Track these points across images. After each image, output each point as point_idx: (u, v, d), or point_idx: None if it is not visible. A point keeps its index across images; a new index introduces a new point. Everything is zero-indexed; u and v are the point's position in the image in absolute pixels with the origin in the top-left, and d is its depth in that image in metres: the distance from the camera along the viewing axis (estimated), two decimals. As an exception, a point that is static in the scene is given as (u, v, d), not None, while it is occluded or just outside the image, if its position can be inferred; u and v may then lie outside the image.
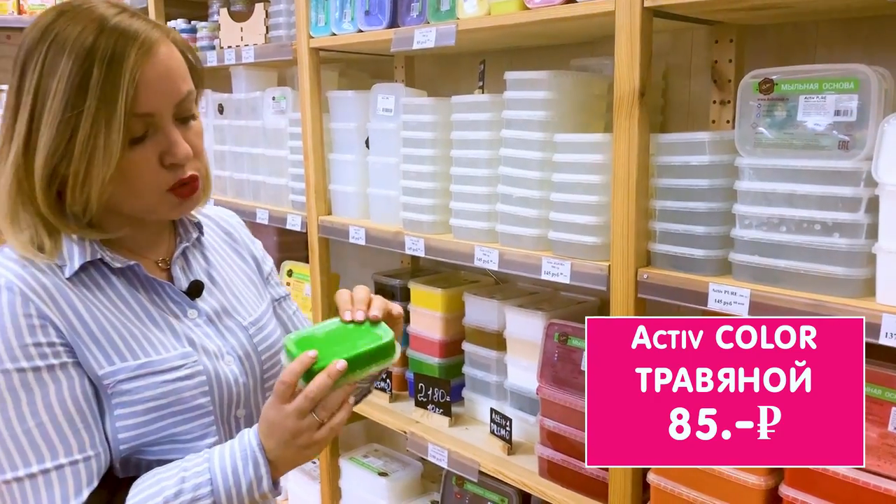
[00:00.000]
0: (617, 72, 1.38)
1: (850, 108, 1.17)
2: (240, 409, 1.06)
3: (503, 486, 1.81)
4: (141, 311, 0.99)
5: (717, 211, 1.33)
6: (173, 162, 0.94)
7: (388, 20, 1.87)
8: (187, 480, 0.92)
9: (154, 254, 1.06)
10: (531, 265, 1.58)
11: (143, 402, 0.95)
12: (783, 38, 1.59)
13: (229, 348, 1.05)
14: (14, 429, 0.89)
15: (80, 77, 0.88)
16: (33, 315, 0.90)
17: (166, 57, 0.93)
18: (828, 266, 1.20)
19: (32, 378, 0.90)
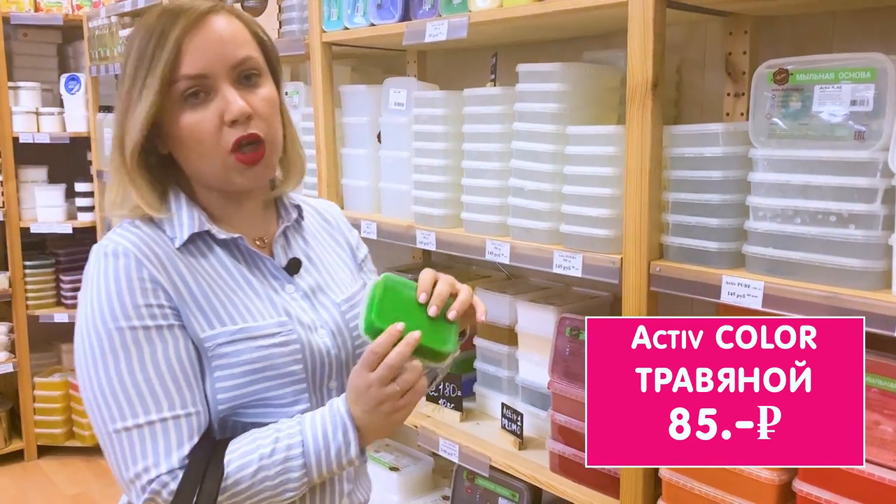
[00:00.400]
0: (630, 62, 1.36)
1: (866, 98, 1.15)
2: (332, 380, 1.11)
3: (514, 482, 1.81)
4: (242, 280, 1.06)
5: (731, 203, 1.31)
6: (230, 118, 0.99)
7: (400, 13, 1.87)
8: (280, 441, 0.99)
9: (254, 232, 1.12)
10: (543, 258, 1.58)
11: (240, 366, 1.01)
12: (799, 29, 1.57)
13: (322, 322, 1.10)
14: (125, 382, 0.96)
15: (140, 52, 0.99)
16: (146, 279, 0.99)
17: (219, 26, 1.01)
18: (843, 258, 1.18)
19: (143, 336, 0.97)
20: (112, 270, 0.98)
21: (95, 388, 0.97)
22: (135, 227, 1.03)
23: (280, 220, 1.15)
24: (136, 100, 0.99)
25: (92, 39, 3.53)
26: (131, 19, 3.30)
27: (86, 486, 3.53)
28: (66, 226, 3.67)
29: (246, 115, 1.00)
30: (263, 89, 1.04)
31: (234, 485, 0.97)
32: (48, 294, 3.79)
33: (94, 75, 3.57)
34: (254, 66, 1.03)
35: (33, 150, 3.64)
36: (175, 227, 1.04)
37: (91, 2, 3.70)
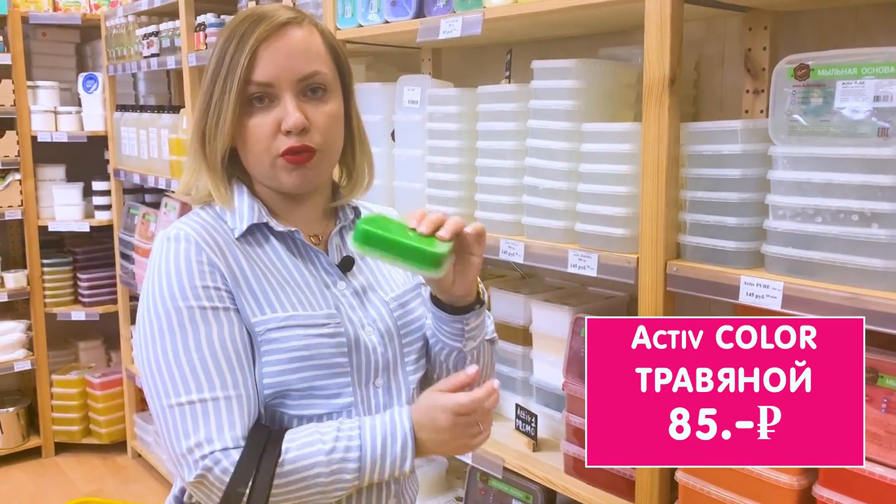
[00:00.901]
0: (646, 58, 1.34)
1: (890, 94, 1.12)
2: (378, 378, 1.11)
3: (528, 483, 1.78)
4: (296, 272, 1.09)
5: (750, 201, 1.29)
6: (286, 128, 1.03)
7: (414, 10, 1.85)
8: (340, 440, 1.00)
9: (310, 230, 1.14)
10: (557, 258, 1.55)
11: (288, 352, 1.03)
12: (820, 24, 1.54)
13: (370, 320, 1.11)
14: (181, 359, 1.00)
15: (221, 53, 1.05)
16: (205, 262, 1.03)
17: (295, 38, 1.05)
18: (865, 258, 1.15)
19: (199, 316, 1.01)
20: (174, 254, 1.03)
21: (153, 364, 1.00)
22: (197, 216, 1.09)
23: (337, 220, 1.17)
24: (218, 99, 1.04)
25: (109, 38, 3.55)
26: (148, 18, 3.31)
27: (102, 483, 3.55)
28: (83, 224, 3.69)
29: (300, 127, 1.03)
30: (328, 105, 1.07)
31: (289, 474, 0.98)
32: (66, 292, 3.81)
33: (111, 74, 3.59)
34: (321, 81, 1.06)
35: (51, 149, 3.67)
36: (236, 217, 1.08)
37: (109, 1, 3.72)
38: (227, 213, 1.09)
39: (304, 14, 1.09)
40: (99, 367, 3.95)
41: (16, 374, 3.75)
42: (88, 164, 3.84)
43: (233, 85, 1.03)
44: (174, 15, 3.03)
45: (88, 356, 4.02)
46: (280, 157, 1.05)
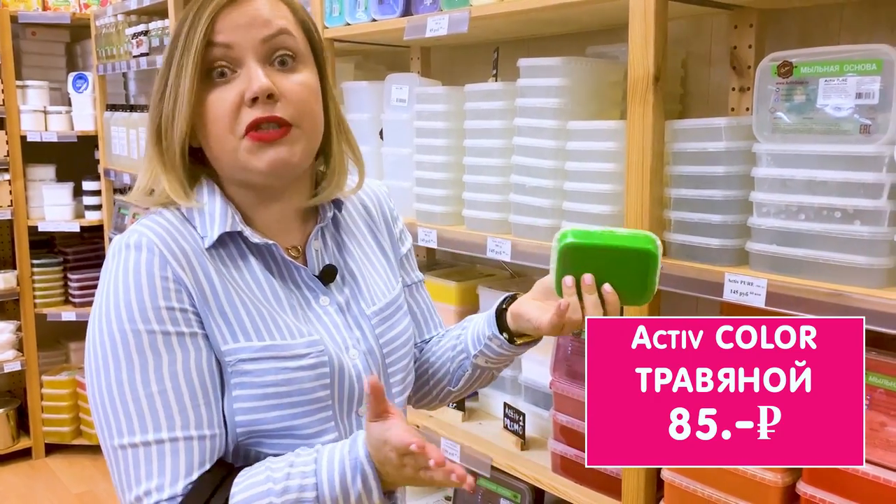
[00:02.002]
0: (631, 55, 1.34)
1: (872, 91, 1.13)
2: (361, 406, 0.99)
3: (516, 482, 1.78)
4: (272, 293, 0.95)
5: (734, 199, 1.29)
6: (250, 95, 0.89)
7: (401, 8, 1.85)
8: (293, 477, 0.88)
9: (287, 240, 1.01)
10: (544, 256, 1.55)
11: (262, 387, 0.91)
12: (805, 22, 1.54)
13: (354, 341, 1.00)
14: (137, 392, 0.86)
15: (177, 30, 0.92)
16: (169, 278, 0.89)
17: (259, 4, 0.92)
18: (848, 255, 1.15)
19: (161, 342, 0.87)
20: (133, 265, 0.88)
21: (105, 396, 0.87)
22: (163, 217, 0.93)
23: (318, 220, 1.04)
24: (175, 78, 0.90)
25: (99, 38, 3.54)
26: (137, 17, 3.30)
27: (93, 484, 3.54)
28: (73, 224, 3.68)
29: (267, 92, 0.89)
30: (300, 75, 0.93)
31: None
32: (56, 292, 3.79)
33: (101, 74, 3.58)
34: (288, 45, 0.93)
35: (41, 149, 3.65)
36: (206, 222, 0.94)
37: (98, 0, 3.71)
38: (195, 216, 0.94)
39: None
40: (90, 367, 3.94)
41: (6, 374, 3.73)
42: (78, 164, 3.83)
43: (188, 59, 0.88)
44: (163, 14, 3.02)
45: (79, 357, 4.00)
46: (245, 136, 0.90)
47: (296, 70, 0.93)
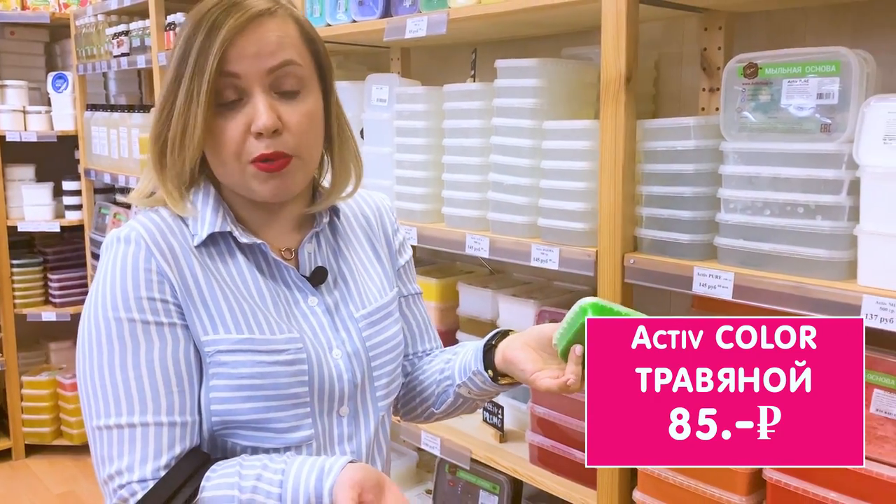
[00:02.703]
0: (603, 57, 1.38)
1: (831, 92, 1.18)
2: (343, 406, 1.02)
3: (495, 474, 1.82)
4: (256, 290, 0.98)
5: (703, 195, 1.33)
6: (256, 130, 0.93)
7: (381, 10, 1.88)
8: (258, 491, 0.89)
9: (280, 241, 1.04)
10: (521, 252, 1.59)
11: (238, 378, 0.94)
12: (772, 25, 1.59)
13: (339, 342, 1.02)
14: (115, 377, 0.91)
15: (185, 45, 0.93)
16: (153, 270, 0.93)
17: (269, 28, 0.93)
18: (811, 249, 1.20)
19: (141, 331, 0.91)
20: (120, 257, 0.93)
21: (87, 379, 0.92)
22: (158, 215, 0.97)
23: (314, 225, 1.06)
24: (185, 102, 0.92)
25: (79, 38, 3.53)
26: (117, 17, 3.30)
27: (74, 484, 3.53)
28: (53, 224, 3.67)
29: (272, 129, 0.93)
30: (303, 103, 0.96)
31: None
32: (36, 292, 3.78)
33: (81, 74, 3.57)
34: (294, 73, 0.95)
35: (20, 149, 3.64)
36: (198, 222, 0.97)
37: (78, 0, 3.70)
38: (189, 217, 0.98)
39: (280, 2, 0.97)
40: (70, 367, 3.92)
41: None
42: (58, 164, 3.82)
43: (200, 87, 0.91)
44: (144, 14, 3.03)
45: (59, 357, 3.99)
46: (251, 163, 0.94)
47: (299, 98, 0.96)
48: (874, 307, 1.11)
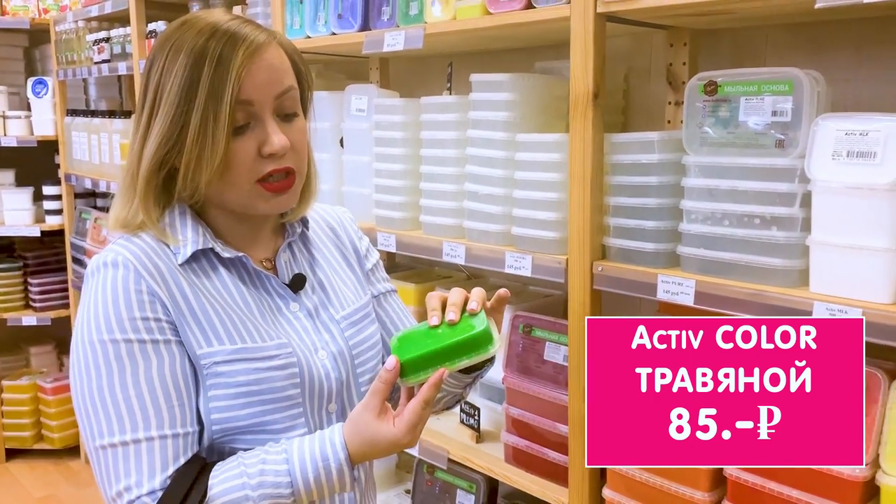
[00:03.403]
0: (572, 74, 1.45)
1: (785, 109, 1.25)
2: (332, 403, 1.07)
3: (471, 473, 1.88)
4: (245, 300, 1.03)
5: (666, 206, 1.40)
6: (270, 152, 0.98)
7: (359, 23, 1.93)
8: (266, 474, 0.95)
9: (258, 252, 1.09)
10: (495, 259, 1.65)
11: (236, 386, 0.99)
12: (735, 41, 1.66)
13: (323, 343, 1.08)
14: (116, 396, 0.94)
15: (191, 75, 0.96)
16: (143, 291, 0.96)
17: (271, 57, 0.99)
18: (766, 258, 1.27)
19: (137, 350, 0.95)
20: (110, 281, 0.96)
21: (87, 401, 0.95)
22: (139, 238, 1.01)
23: (285, 234, 1.12)
24: (201, 127, 0.95)
25: (59, 43, 3.55)
26: (98, 24, 3.32)
27: (55, 488, 3.55)
28: (34, 229, 3.68)
29: (286, 150, 0.99)
30: (300, 123, 1.03)
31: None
32: (16, 297, 3.79)
33: (61, 79, 3.59)
34: (293, 97, 1.02)
35: (0, 154, 3.65)
36: (179, 243, 1.01)
37: (58, 6, 3.72)
38: (167, 236, 1.02)
39: (270, 30, 1.03)
40: (51, 372, 3.94)
41: (-35, 380, 3.72)
42: (39, 169, 3.83)
43: (219, 114, 0.95)
44: (124, 21, 3.05)
45: (40, 361, 4.00)
46: (258, 183, 0.99)
47: (296, 117, 1.03)
48: (824, 312, 1.18)
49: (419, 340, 0.97)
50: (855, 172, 1.17)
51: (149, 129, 0.99)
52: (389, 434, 0.95)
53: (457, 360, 0.95)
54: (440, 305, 0.99)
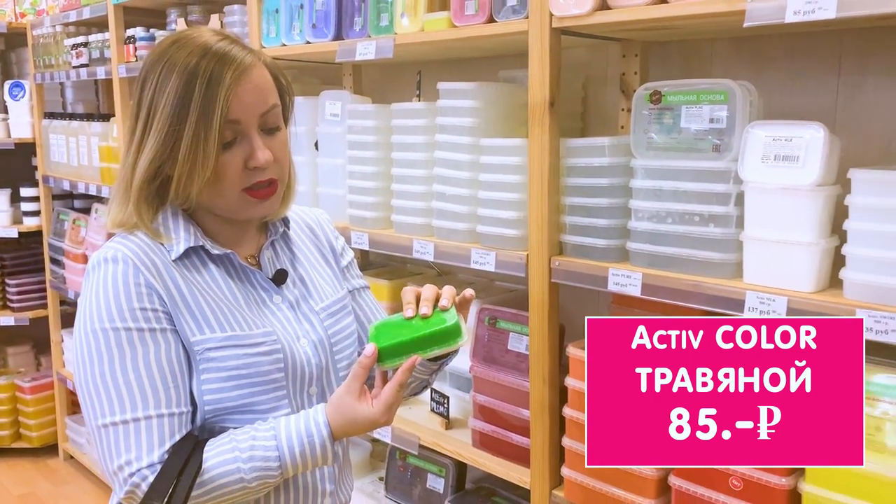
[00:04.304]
0: (530, 84, 1.57)
1: (721, 117, 1.37)
2: (312, 386, 1.17)
3: (441, 458, 1.99)
4: (231, 293, 1.13)
5: (617, 206, 1.52)
6: (255, 166, 1.08)
7: (333, 33, 2.04)
8: (256, 449, 1.05)
9: (244, 250, 1.19)
10: (462, 256, 1.77)
11: (226, 370, 1.09)
12: (684, 53, 1.79)
13: (304, 332, 1.18)
14: (117, 379, 1.04)
15: (184, 95, 1.05)
16: (142, 284, 1.06)
17: (256, 77, 1.08)
18: (705, 252, 1.40)
19: (137, 337, 1.05)
20: (111, 275, 1.05)
21: (90, 384, 1.04)
22: (135, 237, 1.10)
23: (268, 233, 1.22)
24: (192, 143, 1.04)
25: (36, 47, 3.60)
26: (76, 28, 3.38)
27: (34, 486, 3.60)
28: (11, 230, 3.72)
29: (271, 163, 1.09)
30: (282, 135, 1.13)
31: (210, 482, 1.04)
32: (-7, 298, 3.84)
33: (38, 82, 3.64)
34: (276, 113, 1.11)
35: (-23, 156, 3.69)
36: (172, 241, 1.11)
37: (35, 10, 3.76)
38: (161, 235, 1.11)
39: (256, 51, 1.12)
40: (28, 371, 3.98)
41: (-57, 380, 3.75)
42: (16, 171, 3.87)
43: (209, 130, 1.04)
44: (101, 25, 3.12)
45: (17, 361, 4.04)
46: (244, 191, 1.09)
47: (279, 131, 1.13)
48: (755, 301, 1.31)
49: (395, 330, 1.07)
50: (781, 174, 1.30)
51: (143, 142, 1.08)
52: (368, 413, 1.06)
53: (428, 350, 1.06)
54: (415, 299, 1.09)
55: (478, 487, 2.04)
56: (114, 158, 3.08)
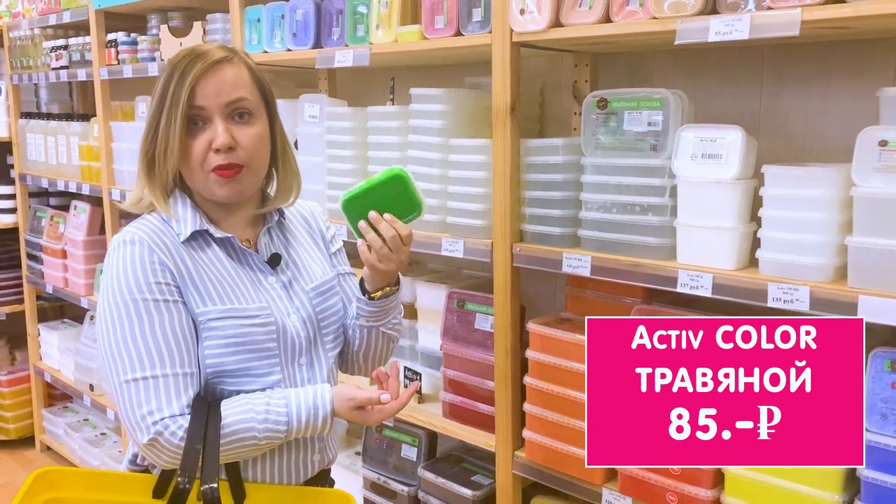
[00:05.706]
0: (493, 91, 1.77)
1: (657, 121, 1.60)
2: (302, 357, 1.34)
3: (414, 429, 2.19)
4: (232, 271, 1.30)
5: (569, 198, 1.74)
6: (215, 147, 1.24)
7: (312, 41, 2.22)
8: (270, 413, 1.23)
9: (243, 235, 1.36)
10: (433, 244, 1.96)
11: (226, 338, 1.25)
12: (629, 64, 2.02)
13: (295, 309, 1.34)
14: (137, 341, 1.20)
15: (164, 86, 1.25)
16: (156, 262, 1.23)
17: (227, 71, 1.26)
18: (645, 237, 1.62)
19: (153, 307, 1.22)
20: (129, 254, 1.23)
21: (112, 347, 1.21)
22: (148, 221, 1.28)
23: (265, 223, 1.38)
24: (165, 127, 1.23)
25: (14, 49, 3.69)
26: (54, 31, 3.49)
27: (13, 476, 3.69)
28: (-13, 227, 3.81)
29: (227, 146, 1.24)
30: (253, 127, 1.28)
31: (230, 435, 1.20)
32: (-30, 293, 3.91)
33: (15, 83, 3.73)
34: (245, 106, 1.27)
35: (-47, 155, 3.76)
36: (181, 224, 1.28)
37: (10, 12, 3.85)
38: (172, 220, 1.28)
39: (236, 52, 1.30)
40: (4, 365, 4.06)
41: (-80, 374, 3.82)
42: (-9, 169, 3.95)
43: (177, 114, 1.22)
44: (81, 28, 3.22)
45: (-4, 354, 4.12)
46: (212, 171, 1.25)
47: (250, 123, 1.28)
48: (686, 278, 1.53)
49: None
50: (708, 170, 1.52)
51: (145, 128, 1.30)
52: (366, 418, 1.31)
53: (389, 208, 1.28)
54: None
55: (448, 455, 2.24)
56: (94, 157, 3.21)
